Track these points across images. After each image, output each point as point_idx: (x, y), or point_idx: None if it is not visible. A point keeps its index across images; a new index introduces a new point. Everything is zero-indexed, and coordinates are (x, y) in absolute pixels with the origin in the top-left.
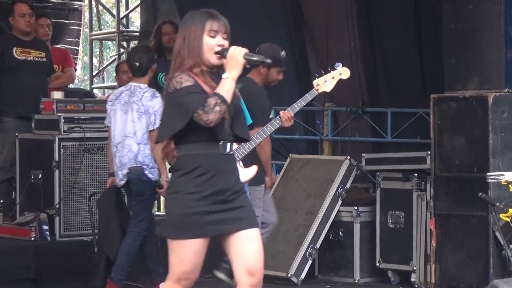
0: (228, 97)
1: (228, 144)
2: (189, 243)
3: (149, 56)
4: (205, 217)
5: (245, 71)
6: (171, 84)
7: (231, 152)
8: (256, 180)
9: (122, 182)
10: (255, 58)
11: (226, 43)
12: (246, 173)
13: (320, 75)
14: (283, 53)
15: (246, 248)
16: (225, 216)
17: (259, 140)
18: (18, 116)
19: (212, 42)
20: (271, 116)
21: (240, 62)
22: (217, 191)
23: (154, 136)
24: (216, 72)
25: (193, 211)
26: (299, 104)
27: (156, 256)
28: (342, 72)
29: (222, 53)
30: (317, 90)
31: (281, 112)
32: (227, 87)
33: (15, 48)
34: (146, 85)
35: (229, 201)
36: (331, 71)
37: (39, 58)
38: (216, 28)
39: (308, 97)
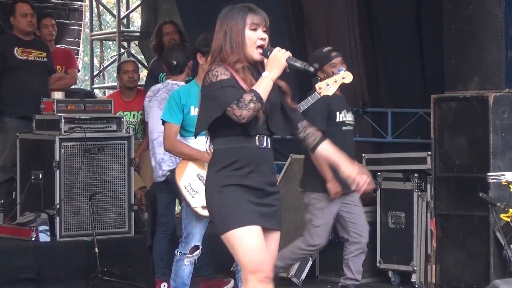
0: (264, 96)
1: (265, 137)
2: (248, 230)
3: (185, 54)
4: (252, 207)
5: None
6: (207, 77)
7: (269, 146)
8: (313, 186)
9: (161, 179)
10: (297, 65)
11: (266, 36)
12: None
13: (323, 78)
14: (325, 49)
15: (267, 249)
16: (265, 211)
17: None
18: (19, 116)
19: (254, 35)
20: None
21: (282, 64)
22: (256, 186)
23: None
24: (257, 67)
25: (240, 199)
26: (301, 107)
27: (167, 255)
28: (345, 76)
29: (265, 53)
30: (319, 93)
31: None
32: (264, 86)
33: (16, 48)
34: (183, 83)
35: (267, 194)
36: (334, 74)
37: (40, 58)
38: (257, 22)
39: (310, 100)
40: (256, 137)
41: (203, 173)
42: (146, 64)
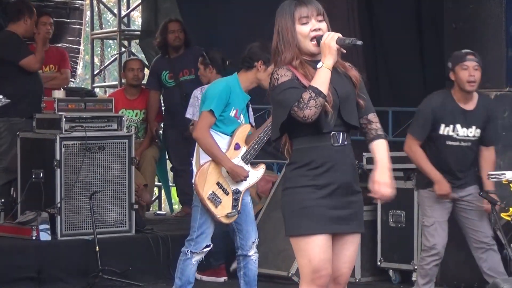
0: (323, 88)
1: (340, 134)
2: (315, 239)
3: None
4: (325, 210)
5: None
6: (271, 81)
7: (345, 143)
8: (420, 183)
9: None
10: (347, 42)
11: (322, 25)
12: (256, 174)
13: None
14: (464, 50)
15: (343, 254)
16: (343, 214)
17: (266, 138)
18: (29, 116)
19: (305, 29)
20: None
21: (333, 48)
22: (334, 184)
23: None
24: (318, 60)
25: (313, 204)
26: None
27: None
28: None
29: (318, 41)
30: None
31: None
32: (321, 78)
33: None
34: None
35: (347, 194)
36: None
37: None
38: (306, 14)
39: None
40: (331, 135)
41: (221, 181)
42: (146, 63)
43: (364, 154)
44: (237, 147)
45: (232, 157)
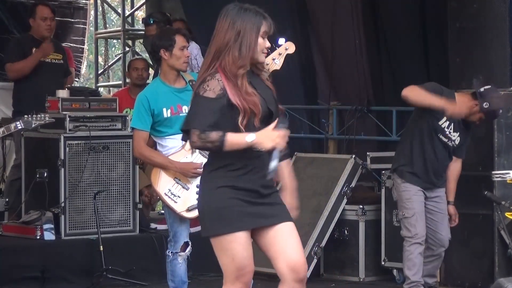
0: (229, 147)
1: None
2: (236, 237)
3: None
4: (245, 208)
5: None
6: (199, 83)
7: (263, 149)
8: (398, 178)
9: None
10: (272, 162)
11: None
12: None
13: (267, 54)
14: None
15: (286, 243)
16: (262, 210)
17: None
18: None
19: (263, 43)
20: None
21: (268, 146)
22: (251, 187)
23: None
24: (257, 70)
25: (232, 203)
26: None
27: None
28: (288, 47)
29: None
30: (268, 70)
31: None
32: (237, 143)
33: (34, 50)
34: None
35: (265, 195)
36: (276, 48)
37: (57, 60)
38: (268, 30)
39: None
40: None
41: (179, 176)
42: (151, 63)
43: (368, 153)
44: None
45: (187, 153)
